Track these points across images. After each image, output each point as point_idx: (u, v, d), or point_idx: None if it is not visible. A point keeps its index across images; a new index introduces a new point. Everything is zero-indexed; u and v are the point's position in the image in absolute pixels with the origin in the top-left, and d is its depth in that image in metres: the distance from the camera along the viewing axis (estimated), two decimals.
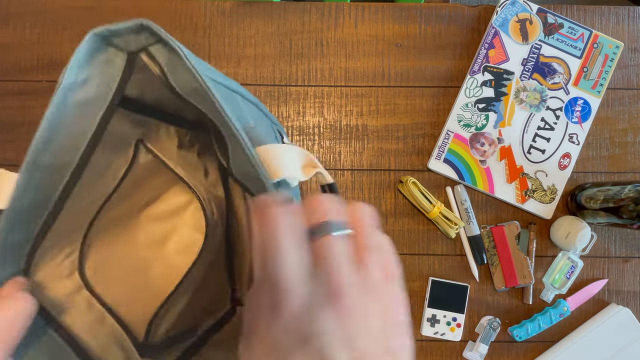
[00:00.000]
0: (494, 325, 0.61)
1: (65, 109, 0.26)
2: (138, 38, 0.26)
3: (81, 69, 0.26)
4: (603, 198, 0.56)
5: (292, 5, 0.64)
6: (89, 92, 0.27)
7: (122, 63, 0.27)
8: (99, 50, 0.27)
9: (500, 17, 0.63)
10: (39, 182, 0.26)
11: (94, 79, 0.27)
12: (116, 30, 0.26)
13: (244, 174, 0.27)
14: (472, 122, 0.63)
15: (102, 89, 0.28)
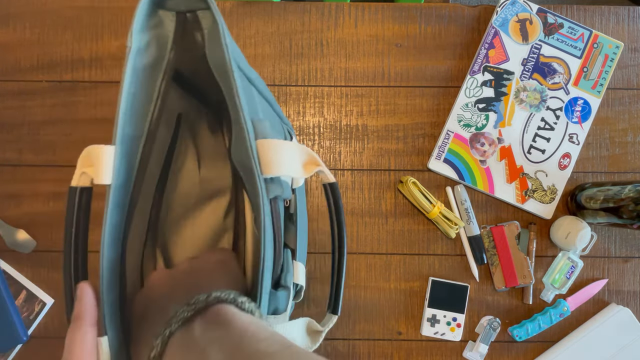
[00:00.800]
0: (494, 325, 0.61)
1: (135, 75, 0.27)
2: (189, 1, 0.27)
3: (142, 33, 0.27)
4: (603, 198, 0.56)
5: (292, 5, 0.64)
6: (151, 56, 0.28)
7: (172, 24, 0.28)
8: (153, 13, 0.27)
9: (500, 17, 0.63)
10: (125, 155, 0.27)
11: (153, 42, 0.28)
12: None
13: (240, 162, 0.27)
14: (472, 122, 0.63)
15: (160, 52, 0.28)
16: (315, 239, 0.63)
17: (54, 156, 0.62)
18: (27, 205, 0.62)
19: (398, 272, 0.63)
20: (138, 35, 0.26)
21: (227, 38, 0.26)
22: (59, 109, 0.62)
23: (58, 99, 0.62)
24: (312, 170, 0.27)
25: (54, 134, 0.62)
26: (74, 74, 0.63)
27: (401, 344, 0.63)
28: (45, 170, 0.62)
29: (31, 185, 0.62)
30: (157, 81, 0.29)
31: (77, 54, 0.63)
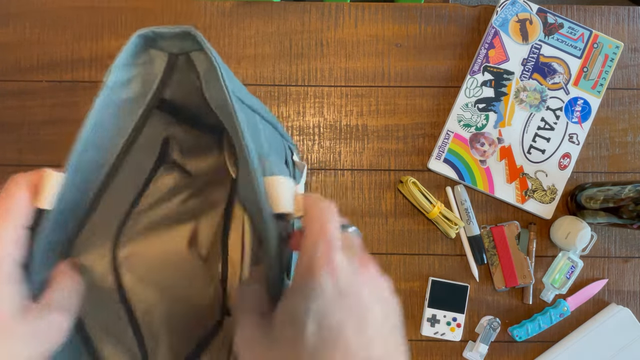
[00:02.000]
0: (494, 325, 0.61)
1: (108, 108, 0.26)
2: (182, 43, 0.27)
3: (125, 69, 0.26)
4: (603, 198, 0.56)
5: (292, 5, 0.64)
6: (131, 91, 0.27)
7: (163, 64, 0.28)
8: (142, 51, 0.27)
9: (500, 17, 0.63)
10: (80, 181, 0.26)
11: (137, 79, 0.27)
12: (161, 33, 0.26)
13: (247, 198, 0.27)
14: (472, 122, 0.63)
15: (143, 89, 0.28)
16: None
17: (54, 156, 0.62)
18: None
19: (398, 272, 0.63)
20: (119, 70, 0.26)
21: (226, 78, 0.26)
22: (59, 109, 0.62)
23: (58, 99, 0.62)
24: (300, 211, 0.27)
25: (54, 134, 0.62)
26: (74, 74, 0.63)
27: None
28: None
29: None
30: (135, 115, 0.28)
31: (77, 54, 0.63)
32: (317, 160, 0.63)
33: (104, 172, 0.28)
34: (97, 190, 0.28)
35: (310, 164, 0.63)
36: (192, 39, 0.26)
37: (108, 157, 0.28)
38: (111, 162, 0.28)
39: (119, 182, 0.30)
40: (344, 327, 0.21)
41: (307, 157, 0.63)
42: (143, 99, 0.28)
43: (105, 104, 0.26)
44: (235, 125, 0.25)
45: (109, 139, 0.27)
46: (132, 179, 0.34)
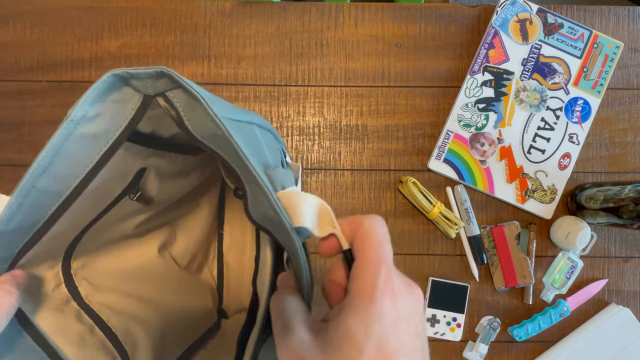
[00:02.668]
0: (494, 325, 0.61)
1: (70, 140, 0.26)
2: (156, 83, 0.26)
3: (93, 105, 0.26)
4: (603, 198, 0.56)
5: (292, 5, 0.64)
6: (98, 127, 0.27)
7: (137, 104, 0.27)
8: (114, 89, 0.26)
9: (500, 17, 0.63)
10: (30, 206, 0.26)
11: (105, 115, 0.27)
12: (136, 74, 0.25)
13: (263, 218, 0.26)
14: (472, 122, 0.63)
15: (111, 126, 0.27)
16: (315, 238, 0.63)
17: None
18: None
19: None
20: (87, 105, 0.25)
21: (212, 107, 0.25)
22: (59, 109, 0.62)
23: (58, 99, 0.62)
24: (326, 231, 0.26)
25: None
26: (74, 74, 0.63)
27: None
28: None
29: None
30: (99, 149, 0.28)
31: (77, 54, 0.63)
32: (317, 160, 0.63)
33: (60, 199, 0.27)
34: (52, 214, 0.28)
35: (310, 164, 0.63)
36: (168, 78, 0.26)
37: (66, 185, 0.27)
38: (69, 190, 0.27)
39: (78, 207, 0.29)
40: (398, 353, 0.22)
41: (307, 157, 0.63)
42: (110, 135, 0.27)
43: (65, 136, 0.25)
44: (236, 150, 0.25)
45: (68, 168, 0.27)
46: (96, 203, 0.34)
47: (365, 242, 0.25)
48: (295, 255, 0.26)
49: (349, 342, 0.22)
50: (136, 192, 0.36)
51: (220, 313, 0.48)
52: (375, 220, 0.25)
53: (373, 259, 0.24)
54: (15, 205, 0.25)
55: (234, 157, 0.26)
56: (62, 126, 0.25)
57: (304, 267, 0.26)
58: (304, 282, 0.26)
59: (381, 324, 0.22)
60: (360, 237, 0.25)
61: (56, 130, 0.25)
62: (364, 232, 0.25)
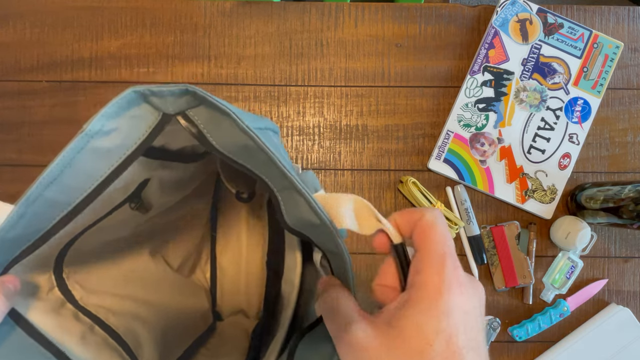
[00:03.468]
0: (494, 325, 0.61)
1: (82, 152, 0.25)
2: (178, 101, 0.25)
3: (110, 119, 0.25)
4: (603, 198, 0.56)
5: (292, 5, 0.64)
6: (112, 141, 0.26)
7: (155, 122, 0.26)
8: (133, 104, 0.26)
9: (500, 17, 0.63)
10: (33, 215, 0.26)
11: (121, 131, 0.26)
12: (158, 92, 0.25)
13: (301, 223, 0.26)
14: (472, 122, 0.63)
15: (126, 142, 0.27)
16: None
17: (54, 156, 0.61)
18: None
19: None
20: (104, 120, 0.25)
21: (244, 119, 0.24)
22: (59, 109, 0.62)
23: (58, 99, 0.62)
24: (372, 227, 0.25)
25: (54, 134, 0.62)
26: (74, 74, 0.63)
27: None
28: None
29: None
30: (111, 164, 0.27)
31: (77, 54, 0.63)
32: (317, 160, 0.63)
33: (65, 209, 0.27)
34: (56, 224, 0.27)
35: (310, 164, 0.63)
36: (191, 95, 0.25)
37: (74, 197, 0.27)
38: (76, 202, 0.27)
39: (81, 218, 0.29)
40: (466, 347, 0.22)
41: (307, 157, 0.63)
42: (124, 150, 0.27)
43: (78, 149, 0.25)
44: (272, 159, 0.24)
45: (78, 180, 0.26)
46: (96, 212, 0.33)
47: (428, 234, 0.24)
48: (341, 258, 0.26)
49: (418, 336, 0.21)
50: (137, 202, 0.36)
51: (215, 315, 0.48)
52: (436, 212, 0.24)
53: (439, 251, 0.23)
54: (17, 214, 0.25)
55: (263, 167, 0.25)
56: (77, 138, 0.24)
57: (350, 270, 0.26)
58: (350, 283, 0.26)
59: (450, 318, 0.22)
60: (422, 229, 0.24)
61: (70, 141, 0.24)
62: (425, 224, 0.24)
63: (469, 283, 0.23)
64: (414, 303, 0.22)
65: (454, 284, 0.22)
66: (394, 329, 0.22)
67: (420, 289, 0.23)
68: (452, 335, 0.21)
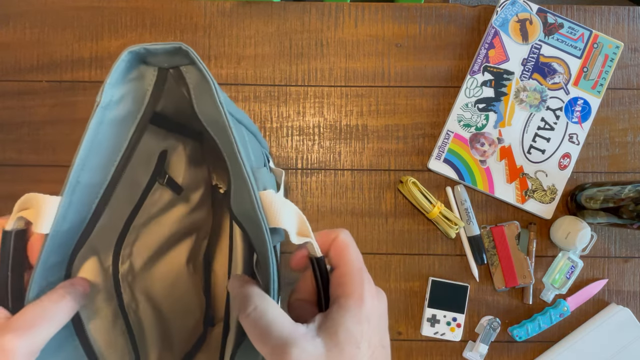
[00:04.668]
0: (494, 325, 0.61)
1: (102, 127, 0.26)
2: (171, 58, 0.27)
3: (117, 87, 0.26)
4: (603, 198, 0.56)
5: (292, 5, 0.64)
6: (124, 108, 0.27)
7: (153, 78, 0.28)
8: (132, 68, 0.27)
9: (500, 17, 0.63)
10: (77, 203, 0.26)
11: (128, 96, 0.27)
12: (153, 50, 0.26)
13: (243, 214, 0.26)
14: (472, 122, 0.63)
15: (135, 105, 0.28)
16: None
17: (54, 156, 0.62)
18: None
19: (398, 272, 0.63)
20: (111, 89, 0.26)
21: (220, 94, 0.26)
22: (59, 109, 0.62)
23: (58, 99, 0.62)
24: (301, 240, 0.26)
25: (54, 134, 0.62)
26: (74, 74, 0.63)
27: (401, 344, 0.63)
28: (45, 170, 0.62)
29: (31, 185, 0.62)
30: (128, 132, 0.28)
31: (77, 54, 0.63)
32: (317, 160, 0.63)
33: (101, 191, 0.28)
34: (95, 209, 0.28)
35: (310, 164, 0.63)
36: (183, 54, 0.26)
37: (104, 176, 0.28)
38: (107, 181, 0.28)
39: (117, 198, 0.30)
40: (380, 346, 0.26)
41: (307, 157, 0.63)
42: (135, 115, 0.28)
43: (98, 124, 0.26)
44: (231, 142, 0.25)
45: (105, 158, 0.27)
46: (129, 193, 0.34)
47: (344, 251, 0.27)
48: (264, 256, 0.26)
49: (349, 340, 0.24)
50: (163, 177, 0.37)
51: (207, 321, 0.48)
52: (347, 232, 0.28)
53: (357, 266, 0.27)
54: (65, 204, 0.25)
55: (227, 147, 0.26)
56: (94, 115, 0.25)
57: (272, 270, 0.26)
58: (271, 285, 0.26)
59: (370, 322, 0.25)
60: (339, 247, 0.27)
61: (88, 120, 0.25)
62: (341, 243, 0.27)
63: (379, 292, 0.27)
64: (344, 311, 0.25)
65: (371, 293, 0.26)
66: (330, 337, 0.24)
67: (347, 299, 0.25)
68: (372, 337, 0.25)
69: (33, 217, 0.24)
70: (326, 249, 0.28)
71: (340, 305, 0.25)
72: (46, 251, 0.25)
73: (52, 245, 0.25)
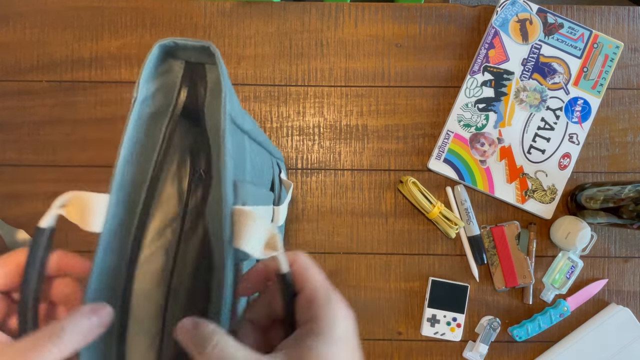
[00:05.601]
0: (494, 325, 0.61)
1: (140, 123, 0.27)
2: (199, 55, 0.27)
3: (150, 82, 0.27)
4: (603, 198, 0.56)
5: (292, 5, 0.64)
6: (157, 103, 0.28)
7: (181, 71, 0.28)
8: (163, 61, 0.27)
9: (500, 17, 0.63)
10: (124, 199, 0.26)
11: (160, 90, 0.28)
12: (182, 45, 0.26)
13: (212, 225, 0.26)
14: (472, 122, 0.63)
15: (166, 99, 0.28)
16: (315, 239, 0.63)
17: (54, 156, 0.62)
18: (27, 205, 0.62)
19: (398, 272, 0.63)
20: (146, 84, 0.26)
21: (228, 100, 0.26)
22: (59, 109, 0.62)
23: (58, 99, 0.62)
24: (269, 253, 0.26)
25: (54, 134, 0.62)
26: (74, 74, 0.63)
27: (401, 344, 0.63)
28: (45, 170, 0.62)
29: (31, 185, 0.62)
30: (162, 127, 0.29)
31: (77, 54, 0.63)
32: (317, 160, 0.63)
33: (144, 187, 0.28)
34: (143, 207, 0.27)
35: (310, 164, 0.63)
36: (209, 54, 0.27)
37: (145, 172, 0.28)
38: (148, 177, 0.28)
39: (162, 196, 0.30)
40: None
41: (307, 157, 0.63)
42: (168, 109, 0.28)
43: (138, 120, 0.26)
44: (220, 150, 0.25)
45: (144, 154, 0.27)
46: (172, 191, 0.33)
47: (308, 272, 0.26)
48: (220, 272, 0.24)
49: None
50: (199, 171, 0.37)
51: None
52: (304, 254, 0.27)
53: (324, 287, 0.26)
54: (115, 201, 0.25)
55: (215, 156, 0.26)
56: (133, 111, 0.26)
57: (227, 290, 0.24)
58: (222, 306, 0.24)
59: (345, 345, 0.25)
60: (301, 270, 0.26)
61: (128, 116, 0.25)
62: (302, 264, 0.27)
63: (348, 308, 0.27)
64: (314, 336, 0.24)
65: (343, 316, 0.25)
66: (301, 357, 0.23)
67: (317, 323, 0.25)
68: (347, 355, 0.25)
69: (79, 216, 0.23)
70: None
71: (310, 330, 0.24)
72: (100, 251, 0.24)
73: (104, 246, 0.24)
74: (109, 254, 0.25)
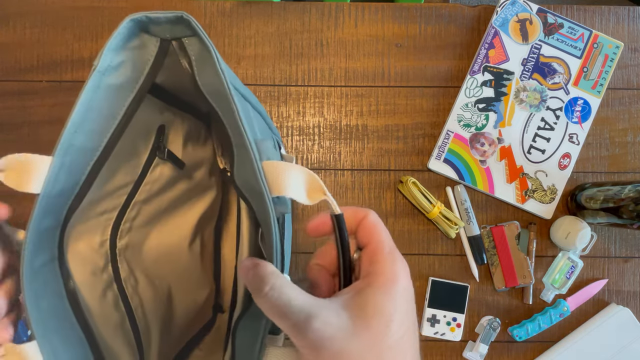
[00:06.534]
0: (494, 325, 0.61)
1: (98, 92, 0.26)
2: (173, 28, 0.27)
3: (116, 53, 0.26)
4: (603, 198, 0.56)
5: (292, 5, 0.64)
6: (122, 76, 0.27)
7: (155, 49, 0.28)
8: (133, 36, 0.27)
9: (500, 17, 0.63)
10: (69, 165, 0.26)
11: (128, 63, 0.27)
12: (155, 19, 0.26)
13: (246, 186, 0.26)
14: (472, 122, 0.63)
15: (135, 74, 0.28)
16: (315, 238, 0.63)
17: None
18: (27, 205, 0.62)
19: None
20: (110, 54, 0.26)
21: (222, 63, 0.25)
22: (59, 109, 0.62)
23: (58, 99, 0.62)
24: (317, 198, 0.26)
25: (54, 134, 0.62)
26: (74, 74, 0.63)
27: None
28: None
29: None
30: (126, 99, 0.28)
31: (77, 54, 0.63)
32: (317, 160, 0.63)
33: (94, 156, 0.28)
34: (88, 174, 0.28)
35: (310, 164, 0.63)
36: (185, 24, 0.26)
37: (98, 141, 0.28)
38: (102, 146, 0.28)
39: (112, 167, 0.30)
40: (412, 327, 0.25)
41: (307, 157, 0.63)
42: (134, 83, 0.28)
43: (94, 88, 0.26)
44: (233, 109, 0.25)
45: (99, 123, 0.27)
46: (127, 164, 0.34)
47: (375, 230, 0.27)
48: (267, 226, 0.25)
49: (378, 317, 0.24)
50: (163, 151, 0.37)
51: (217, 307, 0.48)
52: (374, 213, 0.28)
53: (389, 245, 0.26)
54: (57, 165, 0.25)
55: (229, 116, 0.26)
56: (90, 78, 0.25)
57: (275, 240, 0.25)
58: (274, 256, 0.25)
59: (403, 303, 0.25)
60: (369, 227, 0.27)
61: (84, 84, 0.25)
62: (371, 222, 0.27)
63: (407, 267, 0.27)
64: (375, 288, 0.25)
65: (403, 272, 0.26)
66: (357, 312, 0.24)
67: (378, 276, 0.25)
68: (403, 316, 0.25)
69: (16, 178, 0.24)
70: (353, 228, 0.27)
71: (372, 282, 0.25)
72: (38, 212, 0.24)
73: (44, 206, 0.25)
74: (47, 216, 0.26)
